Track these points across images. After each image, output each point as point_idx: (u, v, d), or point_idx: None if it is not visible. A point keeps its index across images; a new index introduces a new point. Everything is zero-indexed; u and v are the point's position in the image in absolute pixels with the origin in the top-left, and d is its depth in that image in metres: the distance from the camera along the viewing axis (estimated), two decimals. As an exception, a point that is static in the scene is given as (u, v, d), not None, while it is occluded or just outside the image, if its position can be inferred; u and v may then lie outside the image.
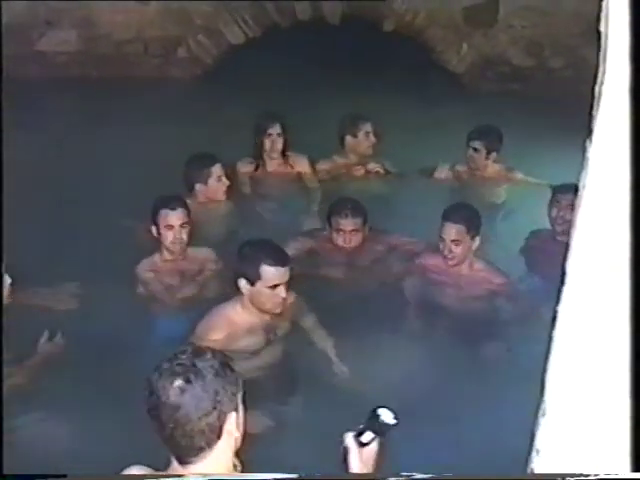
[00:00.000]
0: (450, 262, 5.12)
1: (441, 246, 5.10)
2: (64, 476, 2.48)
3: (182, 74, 9.19)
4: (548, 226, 5.51)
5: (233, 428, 2.48)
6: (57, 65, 8.97)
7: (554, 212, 5.47)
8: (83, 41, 9.10)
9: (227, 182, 5.84)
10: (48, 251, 5.23)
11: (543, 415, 1.67)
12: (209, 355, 2.51)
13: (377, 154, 6.72)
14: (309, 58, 8.27)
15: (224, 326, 4.44)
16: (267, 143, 6.42)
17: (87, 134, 6.98)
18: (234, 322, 4.46)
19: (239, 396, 2.52)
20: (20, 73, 7.65)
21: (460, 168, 6.70)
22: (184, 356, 2.48)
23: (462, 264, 5.13)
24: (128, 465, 2.60)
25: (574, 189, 5.64)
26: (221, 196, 5.85)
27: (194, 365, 2.45)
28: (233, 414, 2.48)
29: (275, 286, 4.39)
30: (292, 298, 4.67)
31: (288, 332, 4.70)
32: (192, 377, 2.42)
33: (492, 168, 6.55)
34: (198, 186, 5.73)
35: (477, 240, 5.11)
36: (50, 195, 6.04)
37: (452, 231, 5.05)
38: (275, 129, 6.41)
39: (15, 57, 7.94)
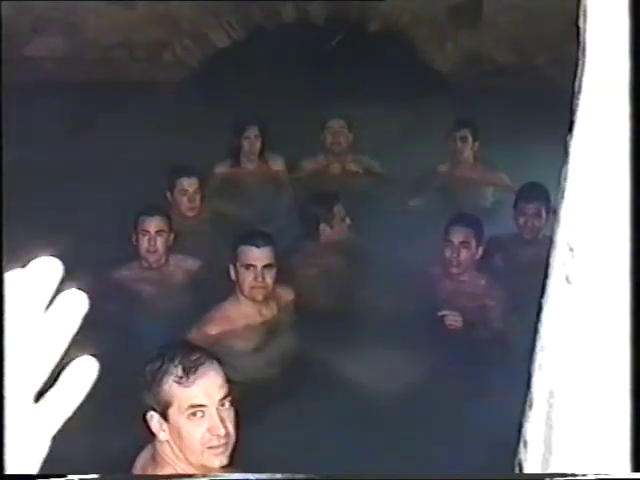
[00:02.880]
0: (454, 269, 5.03)
1: (447, 252, 5.02)
2: (63, 476, 2.48)
3: (168, 78, 9.19)
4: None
5: (154, 426, 2.74)
6: (44, 70, 8.96)
7: (521, 220, 5.43)
8: (69, 46, 9.10)
9: (192, 200, 5.66)
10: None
11: (530, 407, 1.68)
12: (154, 363, 2.72)
13: (359, 153, 6.75)
14: (295, 59, 8.29)
15: (221, 322, 4.48)
16: (245, 145, 6.43)
17: (73, 138, 6.98)
18: (232, 317, 4.51)
19: (162, 403, 2.71)
20: (6, 78, 7.61)
21: (442, 168, 6.72)
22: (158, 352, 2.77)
23: (465, 274, 5.05)
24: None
25: (538, 193, 5.65)
26: (186, 211, 5.69)
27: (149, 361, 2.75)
28: (151, 413, 2.73)
29: (250, 266, 4.41)
30: (290, 294, 4.72)
31: (292, 329, 4.72)
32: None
33: (473, 166, 6.56)
34: (169, 195, 5.68)
35: (480, 250, 5.04)
36: (37, 197, 6.03)
37: (460, 233, 4.98)
38: (252, 131, 6.42)
39: (1, 62, 7.92)
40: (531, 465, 1.68)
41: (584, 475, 1.46)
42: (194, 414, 2.61)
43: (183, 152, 6.20)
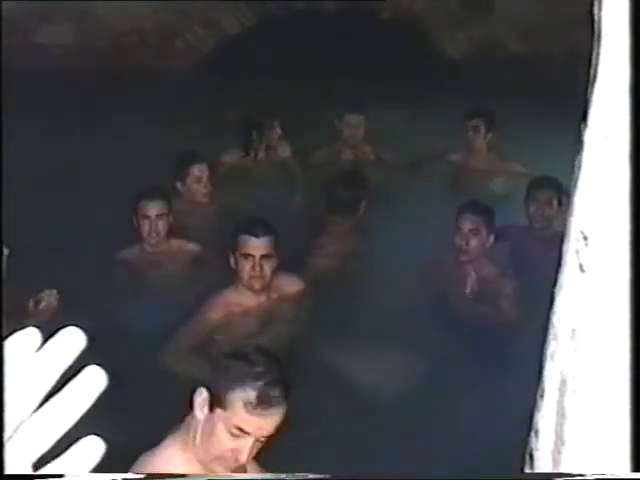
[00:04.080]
0: (463, 257, 4.98)
1: (457, 239, 4.97)
2: (62, 476, 2.48)
3: (179, 65, 9.19)
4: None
5: (200, 404, 2.71)
6: (54, 57, 8.96)
7: (532, 208, 5.40)
8: (80, 33, 9.09)
9: (207, 186, 5.70)
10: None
11: (542, 396, 1.68)
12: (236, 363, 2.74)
13: (370, 142, 6.75)
14: (305, 47, 8.27)
15: (221, 308, 4.49)
16: (255, 133, 6.44)
17: (85, 125, 6.99)
18: (230, 303, 4.51)
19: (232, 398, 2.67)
20: (17, 65, 7.63)
21: (454, 158, 6.70)
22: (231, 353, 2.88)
23: (475, 261, 5.00)
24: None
25: (551, 183, 5.62)
26: (201, 198, 5.72)
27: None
28: (206, 394, 2.70)
29: (248, 255, 4.41)
30: (295, 284, 4.72)
31: (290, 318, 4.71)
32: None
33: (487, 157, 6.55)
34: (179, 185, 5.66)
35: (491, 237, 4.98)
36: (48, 185, 6.04)
37: (469, 221, 4.94)
38: (263, 119, 6.43)
39: (11, 49, 7.92)
40: (542, 454, 1.68)
41: (595, 475, 1.45)
42: (235, 435, 2.60)
43: (193, 139, 6.19)
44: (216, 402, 2.67)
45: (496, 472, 2.08)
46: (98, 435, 0.82)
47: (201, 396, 2.71)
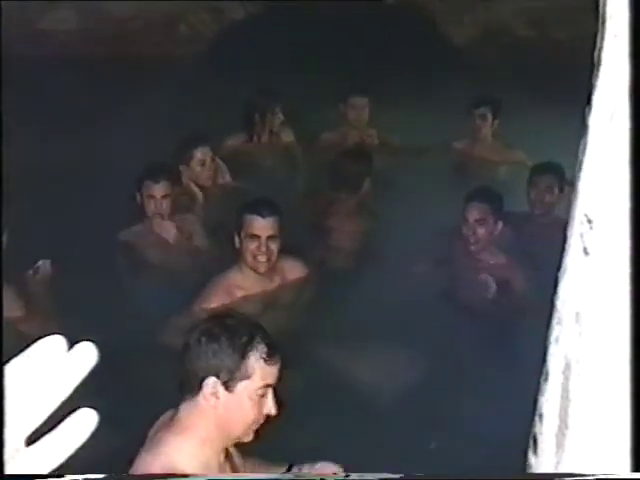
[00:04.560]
0: (472, 247, 4.96)
1: (464, 229, 4.95)
2: (62, 476, 2.49)
3: (183, 50, 9.17)
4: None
5: (210, 391, 2.66)
6: (58, 43, 8.94)
7: (532, 194, 5.40)
8: (83, 19, 9.07)
9: (210, 169, 5.72)
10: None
11: (546, 380, 1.68)
12: (237, 332, 2.71)
13: (375, 126, 6.75)
14: (310, 32, 8.25)
15: (223, 289, 4.48)
16: (258, 117, 6.44)
17: (88, 111, 6.98)
18: (232, 286, 4.50)
19: (239, 382, 2.68)
20: (20, 52, 7.63)
21: (459, 144, 6.69)
22: (218, 321, 2.78)
23: (484, 251, 4.98)
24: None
25: (553, 170, 5.59)
26: (205, 182, 5.75)
27: (214, 331, 2.70)
28: (214, 379, 2.65)
29: (254, 236, 4.39)
30: (299, 270, 4.70)
31: (292, 304, 4.70)
32: (204, 339, 2.69)
33: (492, 144, 6.53)
34: (182, 167, 5.67)
35: (499, 224, 4.95)
36: (50, 171, 6.05)
37: (476, 210, 4.91)
38: (267, 104, 6.44)
39: (15, 36, 7.92)
40: (546, 438, 1.68)
41: (595, 475, 1.45)
42: (263, 394, 2.65)
43: (197, 124, 6.19)
44: (231, 381, 2.66)
45: (502, 461, 2.07)
46: (94, 409, 0.83)
47: (209, 384, 2.68)
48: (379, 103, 6.73)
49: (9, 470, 0.81)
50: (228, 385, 2.66)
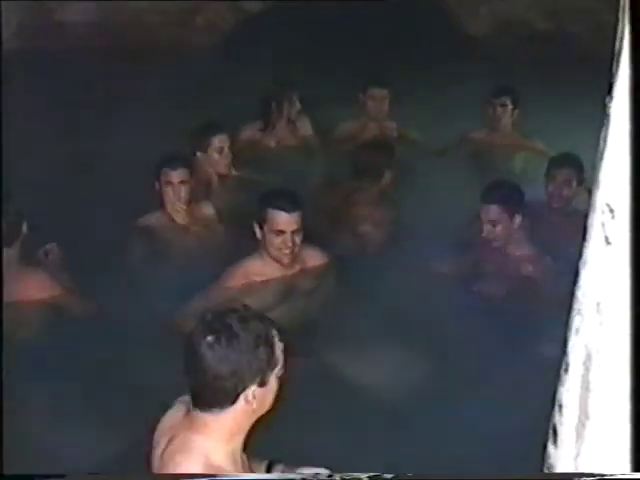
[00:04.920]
0: (495, 244, 4.94)
1: (484, 227, 4.93)
2: (62, 476, 2.49)
3: (201, 42, 9.17)
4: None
5: (250, 400, 2.49)
6: (76, 35, 8.96)
7: (550, 187, 5.36)
8: (101, 11, 9.08)
9: (227, 157, 5.74)
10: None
11: (566, 371, 1.68)
12: (254, 324, 2.52)
13: (393, 117, 6.74)
14: (326, 24, 8.24)
15: (241, 276, 4.49)
16: (274, 106, 6.45)
17: (104, 101, 7.01)
18: (251, 272, 4.50)
19: (271, 373, 2.52)
20: (38, 43, 7.68)
21: (478, 135, 6.66)
22: (230, 316, 2.51)
23: (509, 244, 4.94)
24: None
25: (571, 162, 5.51)
26: (223, 169, 5.75)
27: (232, 328, 2.47)
28: (254, 387, 2.49)
29: (280, 231, 4.40)
30: (319, 258, 4.71)
31: (311, 292, 4.69)
32: (223, 338, 2.45)
33: (511, 134, 6.50)
34: (199, 154, 5.68)
35: (517, 218, 4.90)
36: (66, 157, 6.08)
37: (488, 212, 4.88)
38: (284, 94, 6.45)
39: (33, 27, 7.98)
40: (566, 429, 1.67)
41: (595, 475, 1.45)
42: (279, 375, 2.61)
43: (215, 114, 6.18)
44: (267, 375, 2.57)
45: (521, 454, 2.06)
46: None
47: (250, 394, 2.55)
48: (397, 94, 6.71)
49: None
50: (262, 383, 2.58)
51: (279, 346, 2.55)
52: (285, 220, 4.39)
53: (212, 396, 2.49)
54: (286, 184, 5.02)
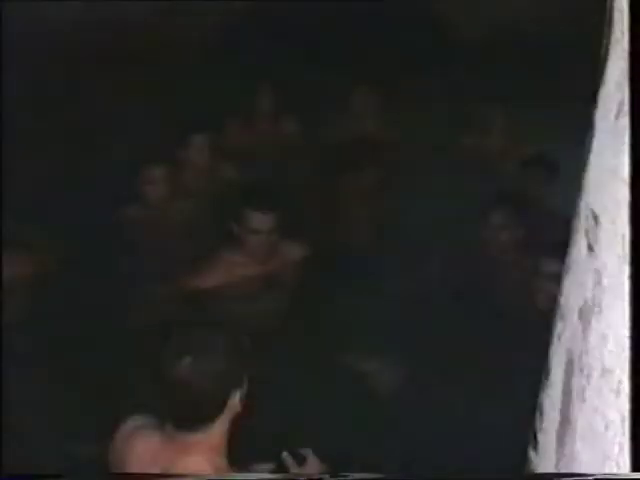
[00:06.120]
0: (494, 250, 4.93)
1: (485, 233, 4.91)
2: (60, 476, 2.47)
3: (183, 38, 9.12)
4: None
5: (236, 403, 2.49)
6: (63, 31, 8.90)
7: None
8: (87, 8, 9.03)
9: (209, 155, 5.76)
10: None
11: (547, 377, 1.68)
12: (222, 331, 2.51)
13: (382, 119, 6.75)
14: (314, 21, 8.22)
15: (218, 270, 4.49)
16: (259, 103, 6.49)
17: (89, 99, 6.99)
18: (229, 267, 4.51)
19: (249, 374, 2.50)
20: (28, 42, 7.63)
21: (464, 138, 6.66)
22: (196, 330, 2.49)
23: (505, 255, 4.93)
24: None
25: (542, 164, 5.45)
26: (204, 166, 5.75)
27: (205, 341, 2.44)
28: (237, 392, 2.48)
29: (256, 231, 4.40)
30: (299, 252, 4.73)
31: (291, 287, 4.70)
32: (200, 355, 2.41)
33: (502, 139, 6.51)
34: (182, 152, 5.70)
35: (520, 230, 4.88)
36: (52, 157, 6.08)
37: (498, 217, 4.87)
38: (267, 93, 6.48)
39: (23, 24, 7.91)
40: (547, 434, 1.68)
41: (596, 475, 1.45)
42: None
43: (197, 111, 6.18)
44: (245, 378, 2.57)
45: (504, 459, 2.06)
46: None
47: (237, 399, 2.54)
48: (384, 95, 6.72)
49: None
50: (243, 385, 2.56)
51: (251, 347, 2.53)
52: (262, 220, 4.39)
53: (199, 412, 2.46)
54: (269, 180, 5.02)
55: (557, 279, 1.76)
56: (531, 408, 1.72)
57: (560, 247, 1.75)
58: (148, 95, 6.88)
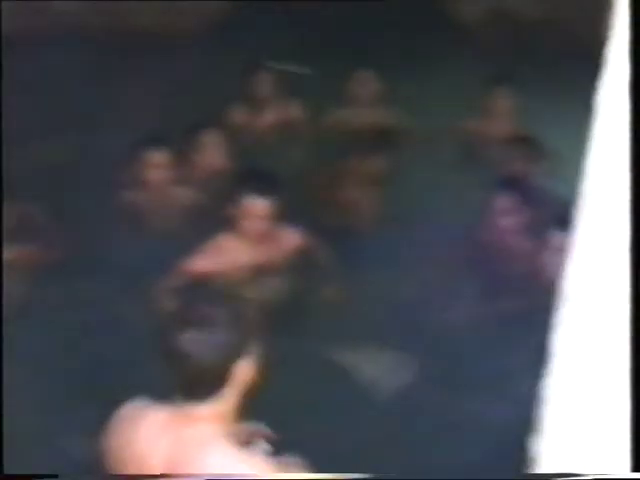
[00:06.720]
0: (496, 236, 4.91)
1: (491, 218, 4.89)
2: (55, 476, 2.47)
3: (185, 25, 9.10)
4: None
5: (242, 373, 2.50)
6: (60, 20, 8.87)
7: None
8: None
9: (218, 149, 5.75)
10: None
11: (550, 369, 1.66)
12: (224, 302, 2.53)
13: (383, 105, 6.72)
14: (315, 6, 8.19)
15: (214, 254, 4.49)
16: (262, 89, 6.45)
17: (88, 86, 6.96)
18: (226, 250, 4.50)
19: (252, 341, 2.52)
20: (21, 26, 7.61)
21: (467, 123, 6.63)
22: (198, 303, 2.50)
23: (510, 239, 4.90)
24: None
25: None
26: (208, 152, 5.71)
27: (207, 313, 2.45)
28: (242, 361, 2.49)
29: (253, 215, 4.40)
30: (298, 238, 4.71)
31: (290, 272, 4.70)
32: (205, 326, 2.43)
33: (506, 123, 6.48)
34: (184, 137, 5.69)
35: (525, 212, 4.85)
36: (50, 144, 6.07)
37: (501, 202, 4.84)
38: (271, 76, 6.47)
39: (17, 10, 7.87)
40: (545, 435, 1.66)
41: (595, 475, 1.44)
42: None
43: (201, 96, 6.17)
44: (249, 347, 2.58)
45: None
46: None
47: (245, 367, 2.54)
48: (388, 80, 6.69)
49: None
50: (248, 355, 2.56)
51: (256, 317, 2.53)
52: (261, 205, 4.39)
53: (207, 384, 2.48)
54: (270, 169, 5.00)
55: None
56: (531, 407, 1.70)
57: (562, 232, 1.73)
58: (149, 79, 6.88)
